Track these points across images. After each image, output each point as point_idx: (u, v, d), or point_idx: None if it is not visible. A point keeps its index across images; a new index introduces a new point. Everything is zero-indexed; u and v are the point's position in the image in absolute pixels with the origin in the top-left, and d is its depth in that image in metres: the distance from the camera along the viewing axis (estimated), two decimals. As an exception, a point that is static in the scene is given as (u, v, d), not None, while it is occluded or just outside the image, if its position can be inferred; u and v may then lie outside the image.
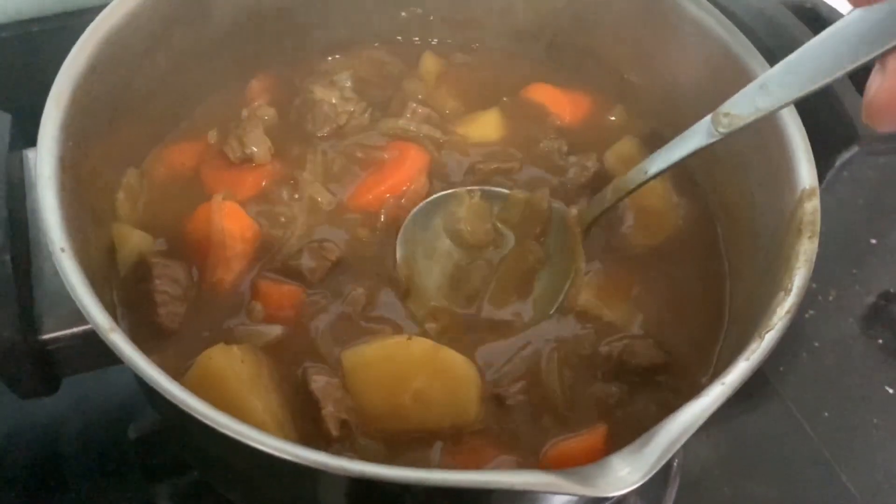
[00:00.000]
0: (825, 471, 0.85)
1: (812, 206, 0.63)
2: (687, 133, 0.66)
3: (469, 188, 0.77)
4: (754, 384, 0.55)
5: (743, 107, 0.60)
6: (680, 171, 0.80)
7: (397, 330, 0.69)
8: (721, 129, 0.61)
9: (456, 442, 0.62)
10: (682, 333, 0.71)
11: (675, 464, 0.83)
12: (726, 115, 0.61)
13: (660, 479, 0.81)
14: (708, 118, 0.63)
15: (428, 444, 0.62)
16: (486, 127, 0.85)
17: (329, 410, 0.60)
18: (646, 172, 0.68)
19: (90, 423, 0.82)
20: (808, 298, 0.59)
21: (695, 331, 0.72)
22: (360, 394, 0.64)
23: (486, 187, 0.77)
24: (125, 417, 0.81)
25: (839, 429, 0.88)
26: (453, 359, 0.65)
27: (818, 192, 0.63)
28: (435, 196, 0.76)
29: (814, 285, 0.60)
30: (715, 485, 0.83)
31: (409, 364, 0.64)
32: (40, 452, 0.81)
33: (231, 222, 0.71)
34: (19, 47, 1.08)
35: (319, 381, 0.62)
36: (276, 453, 0.47)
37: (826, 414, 0.89)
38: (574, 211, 0.75)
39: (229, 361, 0.61)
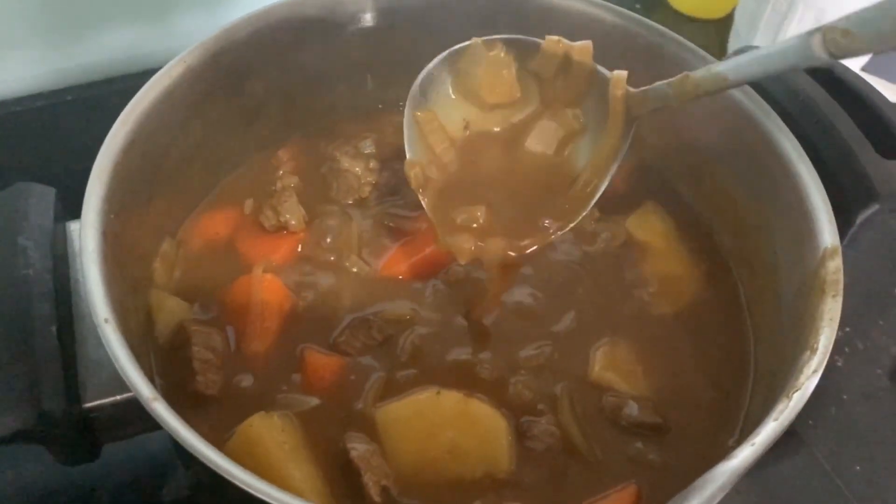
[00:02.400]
0: (858, 525, 0.84)
1: (835, 266, 0.63)
2: (783, 47, 0.56)
3: (486, 38, 0.69)
4: (784, 438, 0.55)
5: (869, 26, 0.48)
6: (702, 234, 0.82)
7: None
8: (834, 51, 0.50)
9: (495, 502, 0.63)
10: (705, 396, 0.71)
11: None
12: (846, 33, 0.49)
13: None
14: (811, 34, 0.52)
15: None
16: None
17: (370, 477, 0.61)
18: (726, 79, 0.60)
19: (124, 486, 0.83)
20: (835, 350, 0.60)
21: (719, 393, 0.72)
22: (395, 449, 0.65)
23: (510, 35, 0.69)
24: (158, 480, 0.82)
25: (871, 482, 0.87)
26: (482, 411, 0.66)
27: (840, 251, 0.64)
28: (441, 56, 0.70)
29: (840, 334, 0.60)
30: (745, 541, 0.83)
31: (441, 417, 0.65)
32: (75, 514, 0.82)
33: (270, 294, 0.73)
34: (53, 117, 1.12)
35: (359, 449, 0.62)
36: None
37: (857, 468, 0.88)
38: (623, 74, 0.67)
39: (269, 429, 0.63)
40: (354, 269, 0.77)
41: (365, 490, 0.61)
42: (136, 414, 0.59)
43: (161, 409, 0.52)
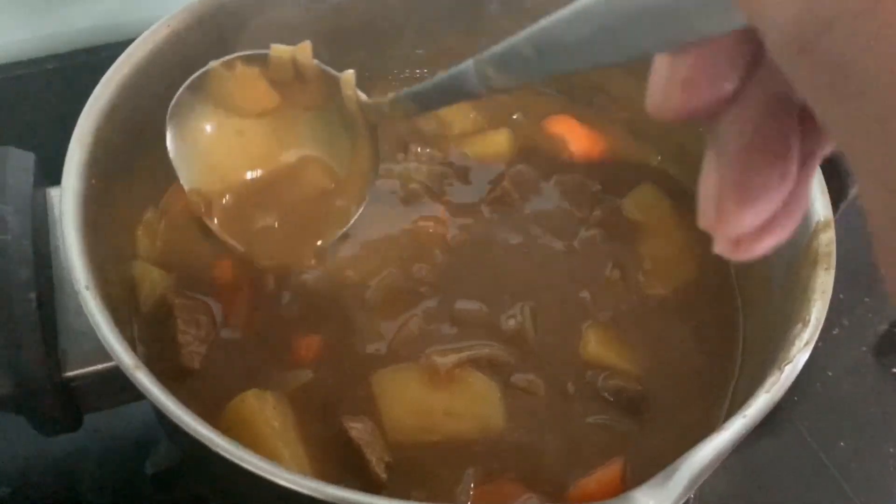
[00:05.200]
0: (842, 500, 0.84)
1: (827, 238, 0.63)
2: (452, 78, 0.53)
3: (223, 59, 0.70)
4: (769, 414, 0.55)
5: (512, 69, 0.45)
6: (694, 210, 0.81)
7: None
8: (492, 85, 0.48)
9: (486, 481, 0.63)
10: (694, 372, 0.71)
11: (691, 496, 0.82)
12: (495, 67, 0.47)
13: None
14: (468, 65, 0.50)
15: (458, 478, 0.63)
16: (497, 147, 0.86)
17: (372, 454, 0.61)
18: (415, 108, 0.60)
19: (106, 459, 0.82)
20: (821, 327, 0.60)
21: (708, 368, 0.71)
22: (392, 412, 0.65)
23: (243, 53, 0.70)
24: (142, 453, 0.81)
25: (855, 458, 0.88)
26: (473, 375, 0.67)
27: (833, 223, 0.64)
28: (185, 86, 0.69)
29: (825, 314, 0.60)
30: (730, 515, 0.83)
31: (435, 382, 0.66)
32: (57, 488, 0.81)
33: (256, 270, 0.72)
34: (34, 85, 1.10)
35: (358, 428, 0.62)
36: (301, 490, 0.47)
37: (842, 443, 0.89)
38: (350, 74, 0.68)
39: (262, 407, 0.62)
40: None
41: (368, 467, 0.60)
42: (118, 383, 0.58)
43: (143, 378, 0.51)
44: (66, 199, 0.59)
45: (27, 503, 0.79)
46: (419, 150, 0.84)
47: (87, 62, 1.12)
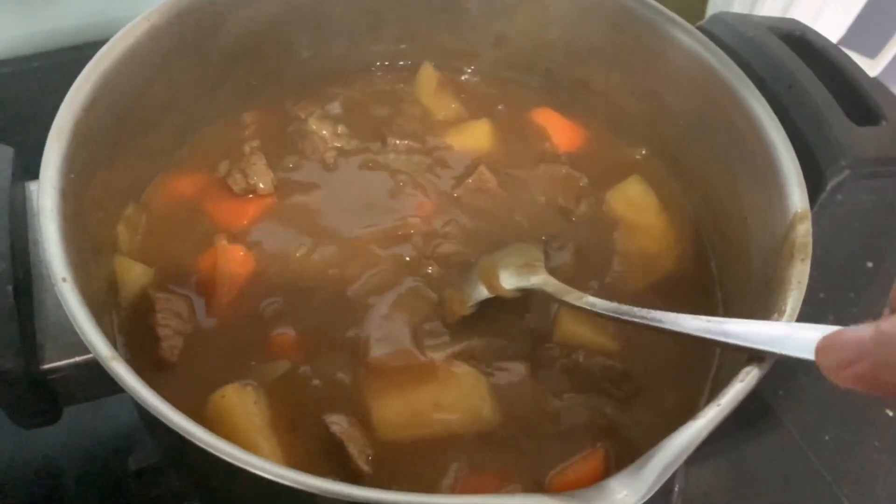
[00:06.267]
0: (826, 493, 0.85)
1: (804, 229, 0.63)
2: None
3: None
4: (754, 409, 0.55)
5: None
6: (683, 212, 0.82)
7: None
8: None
9: (471, 473, 0.63)
10: (673, 362, 0.71)
11: (676, 489, 0.82)
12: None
13: (661, 502, 0.80)
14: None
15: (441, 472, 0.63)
16: (477, 137, 0.87)
17: (354, 447, 0.60)
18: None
19: (89, 455, 0.83)
20: (807, 322, 0.60)
21: (687, 359, 0.71)
22: (382, 405, 0.65)
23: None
24: (124, 449, 0.81)
25: (840, 452, 0.88)
26: (461, 368, 0.67)
27: (810, 215, 0.64)
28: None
29: (810, 308, 0.61)
30: (715, 508, 0.83)
31: (424, 374, 0.67)
32: (40, 484, 0.81)
33: (235, 264, 0.72)
34: (20, 82, 1.09)
35: (340, 423, 0.62)
36: (277, 479, 0.47)
37: (826, 437, 0.89)
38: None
39: (242, 401, 0.62)
40: (327, 232, 0.76)
41: (351, 462, 0.60)
42: (96, 376, 0.58)
43: (120, 369, 0.51)
44: (44, 192, 0.59)
45: (10, 500, 0.79)
46: (397, 141, 0.84)
47: (74, 59, 1.12)
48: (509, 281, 0.71)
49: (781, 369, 0.56)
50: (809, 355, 0.51)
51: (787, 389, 0.92)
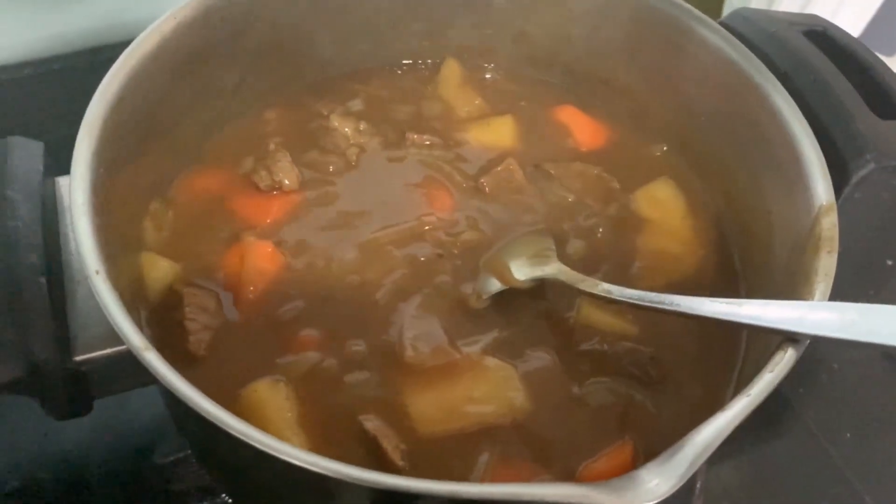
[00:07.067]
0: (847, 491, 0.84)
1: (830, 222, 0.63)
2: None
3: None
4: (775, 406, 0.55)
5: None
6: (710, 214, 0.82)
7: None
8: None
9: (500, 464, 0.63)
10: (698, 355, 0.71)
11: (697, 486, 0.82)
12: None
13: (683, 500, 0.80)
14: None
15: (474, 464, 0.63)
16: (500, 133, 0.87)
17: (389, 443, 0.61)
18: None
19: (113, 451, 0.83)
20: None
21: (712, 352, 0.71)
22: (417, 397, 0.65)
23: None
24: (148, 444, 0.82)
25: (860, 449, 0.88)
26: (491, 361, 0.68)
27: (835, 207, 0.64)
28: None
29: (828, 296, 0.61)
30: (736, 505, 0.83)
31: (457, 368, 0.67)
32: (65, 478, 0.81)
33: (262, 260, 0.73)
34: (49, 82, 1.11)
35: (373, 420, 0.63)
36: (315, 468, 0.48)
37: (847, 435, 0.89)
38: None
39: (273, 396, 0.63)
40: (352, 229, 0.77)
41: (386, 456, 0.61)
42: (127, 368, 0.59)
43: (153, 359, 0.52)
44: (76, 187, 0.59)
45: (36, 497, 0.80)
46: (416, 137, 0.84)
47: (91, 62, 1.14)
48: (522, 271, 0.72)
49: (802, 368, 0.57)
50: (847, 335, 0.51)
51: (807, 387, 0.92)
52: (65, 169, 0.62)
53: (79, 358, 0.59)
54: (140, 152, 0.71)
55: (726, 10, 1.29)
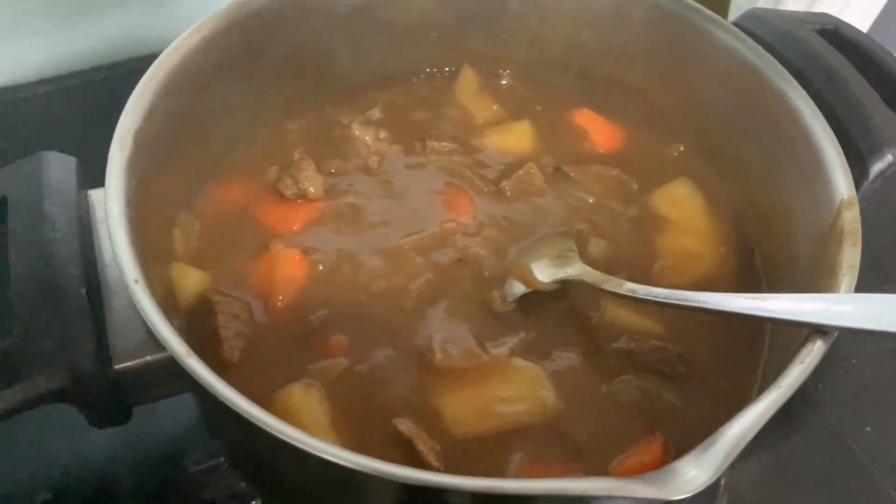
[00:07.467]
0: (869, 483, 0.85)
1: (852, 216, 0.64)
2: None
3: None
4: (795, 402, 0.56)
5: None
6: (730, 213, 0.83)
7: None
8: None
9: (534, 462, 0.64)
10: (723, 349, 0.72)
11: (722, 483, 0.83)
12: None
13: (708, 497, 0.81)
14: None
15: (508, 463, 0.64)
16: (519, 138, 0.88)
17: (424, 444, 0.62)
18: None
19: (144, 459, 0.83)
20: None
21: (737, 346, 0.72)
22: (448, 400, 0.66)
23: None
24: (179, 452, 0.82)
25: (881, 442, 0.88)
26: (519, 362, 0.69)
27: (856, 200, 0.65)
28: None
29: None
30: (761, 501, 0.83)
31: (486, 369, 0.68)
32: (97, 488, 0.82)
33: (291, 267, 0.74)
34: (66, 99, 1.12)
35: (406, 423, 0.63)
36: (355, 466, 0.48)
37: (868, 428, 0.89)
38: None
39: (307, 400, 0.64)
40: (377, 236, 0.78)
41: (421, 458, 0.61)
42: (162, 377, 0.61)
43: (196, 365, 0.53)
44: (111, 198, 0.60)
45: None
46: (435, 143, 0.86)
47: (105, 78, 1.15)
48: (545, 273, 0.73)
49: (820, 363, 0.57)
50: (875, 325, 0.52)
51: (826, 382, 0.93)
52: (95, 181, 0.63)
53: (118, 367, 0.60)
54: (169, 164, 0.73)
55: (732, 10, 1.30)
